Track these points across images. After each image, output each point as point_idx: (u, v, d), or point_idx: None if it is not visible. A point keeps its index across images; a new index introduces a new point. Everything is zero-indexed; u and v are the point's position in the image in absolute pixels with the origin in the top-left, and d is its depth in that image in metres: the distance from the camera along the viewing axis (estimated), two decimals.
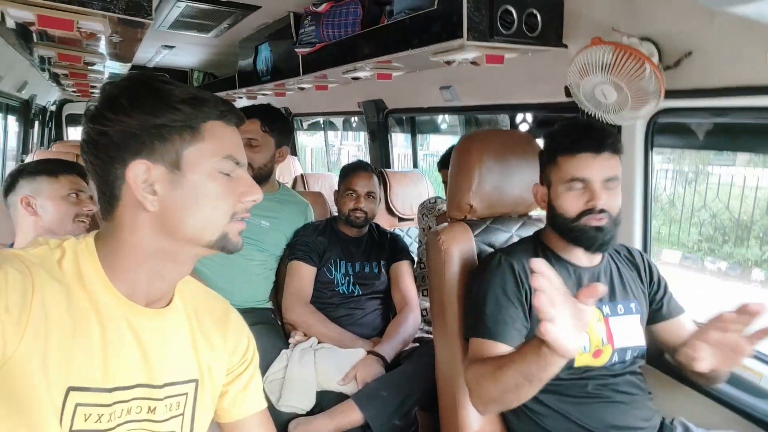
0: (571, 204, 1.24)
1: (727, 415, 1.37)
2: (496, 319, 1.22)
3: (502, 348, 1.20)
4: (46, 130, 5.79)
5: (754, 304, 0.99)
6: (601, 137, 1.23)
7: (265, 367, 1.75)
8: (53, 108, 5.88)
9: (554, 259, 1.31)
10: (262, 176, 1.97)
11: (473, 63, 1.79)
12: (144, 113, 0.73)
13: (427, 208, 2.54)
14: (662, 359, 1.50)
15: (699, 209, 6.32)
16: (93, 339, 0.73)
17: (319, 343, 1.86)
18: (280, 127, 2.02)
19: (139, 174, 0.73)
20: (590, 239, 1.23)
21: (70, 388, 0.70)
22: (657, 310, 1.38)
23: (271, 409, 1.04)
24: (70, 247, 0.76)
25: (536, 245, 1.35)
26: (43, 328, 0.68)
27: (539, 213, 1.56)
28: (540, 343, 0.95)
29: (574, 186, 1.23)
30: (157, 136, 0.73)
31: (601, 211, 1.21)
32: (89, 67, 2.72)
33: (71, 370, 0.70)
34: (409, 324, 1.91)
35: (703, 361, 1.08)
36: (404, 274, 2.03)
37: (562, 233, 1.28)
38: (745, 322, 1.02)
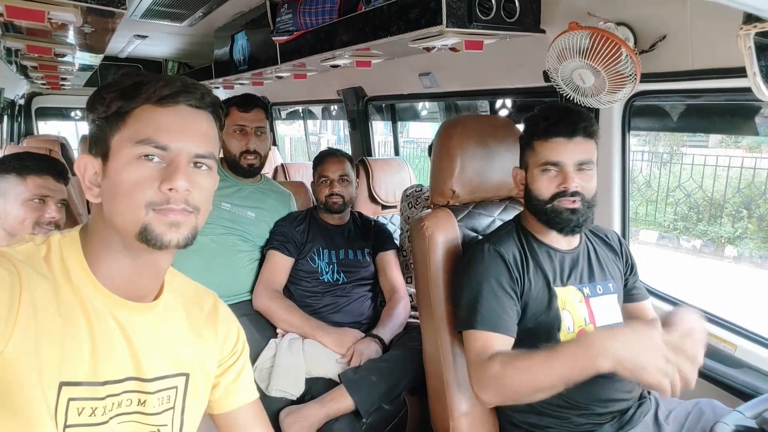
0: (545, 187, 1.27)
1: (704, 385, 1.43)
2: (494, 311, 1.24)
3: (505, 339, 1.23)
4: (16, 125, 5.61)
5: None
6: (574, 122, 1.25)
7: (254, 358, 1.75)
8: (22, 102, 5.69)
9: (535, 243, 1.34)
10: (263, 164, 2.05)
11: (452, 49, 1.80)
12: (90, 110, 0.77)
13: (413, 197, 2.55)
14: None
15: (674, 189, 6.47)
16: (81, 333, 0.73)
17: None
18: None
19: (86, 166, 0.77)
20: (563, 221, 1.27)
21: (63, 384, 0.70)
22: (627, 292, 1.44)
23: (262, 398, 1.04)
24: (55, 243, 0.76)
25: (517, 230, 1.37)
26: (33, 326, 0.68)
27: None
28: (595, 359, 1.00)
29: (548, 169, 1.27)
30: (96, 130, 0.76)
31: (574, 193, 1.25)
32: (59, 59, 2.64)
33: (63, 365, 0.70)
34: (401, 309, 1.94)
35: None
36: (391, 263, 2.06)
37: (537, 216, 1.32)
38: None
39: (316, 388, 1.69)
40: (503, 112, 2.44)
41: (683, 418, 1.28)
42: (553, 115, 1.29)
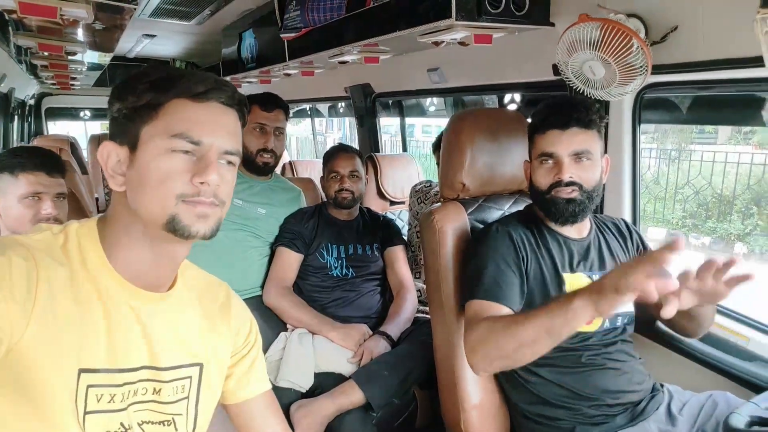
0: (542, 178, 1.30)
1: (717, 378, 1.42)
2: (496, 282, 1.25)
3: (503, 309, 1.22)
4: (26, 125, 5.66)
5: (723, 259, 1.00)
6: (568, 113, 1.26)
7: (264, 351, 1.76)
8: (32, 102, 5.74)
9: (545, 230, 1.36)
10: (277, 164, 2.08)
11: (461, 44, 1.79)
12: (117, 99, 0.77)
13: (422, 193, 2.54)
14: (652, 327, 1.54)
15: (682, 186, 6.42)
16: (98, 321, 0.74)
17: None
18: None
19: (109, 154, 0.77)
20: (559, 211, 1.29)
21: (81, 370, 0.71)
22: None
23: (273, 391, 1.05)
24: (72, 232, 0.77)
25: (528, 218, 1.38)
26: (51, 313, 0.68)
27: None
28: (570, 298, 0.97)
29: (545, 161, 1.29)
30: (124, 119, 0.76)
31: (570, 184, 1.26)
32: (70, 57, 2.67)
33: (81, 352, 0.71)
34: (408, 305, 1.95)
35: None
36: (399, 258, 2.06)
37: (538, 206, 1.34)
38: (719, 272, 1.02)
39: (326, 384, 1.69)
40: (512, 107, 2.44)
41: (697, 410, 1.27)
42: (549, 108, 1.31)
